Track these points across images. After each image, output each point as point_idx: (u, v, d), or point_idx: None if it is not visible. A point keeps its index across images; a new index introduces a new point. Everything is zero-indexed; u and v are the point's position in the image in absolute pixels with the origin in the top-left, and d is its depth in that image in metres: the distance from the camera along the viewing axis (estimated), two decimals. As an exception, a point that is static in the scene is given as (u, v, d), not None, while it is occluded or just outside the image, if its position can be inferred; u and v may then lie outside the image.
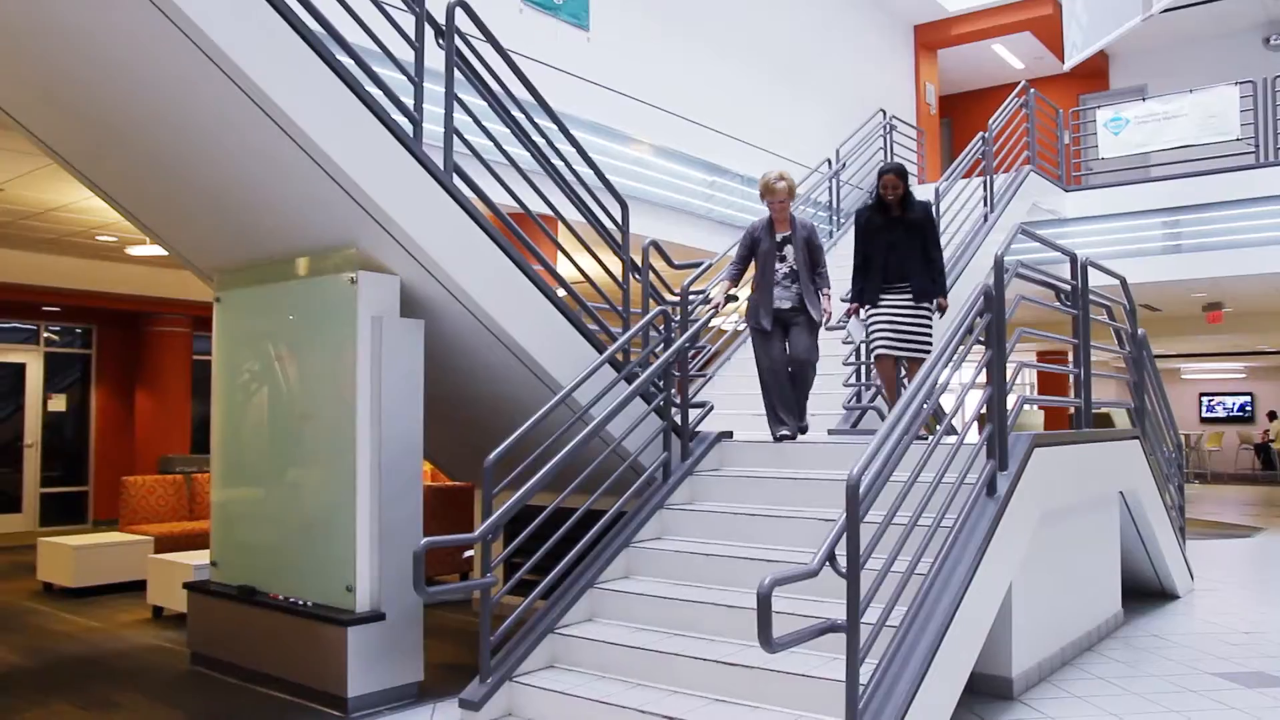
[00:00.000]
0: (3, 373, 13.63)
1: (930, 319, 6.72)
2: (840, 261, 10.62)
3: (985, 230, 10.41)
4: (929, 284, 6.70)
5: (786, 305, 6.77)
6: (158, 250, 10.01)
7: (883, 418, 6.93)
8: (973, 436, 5.36)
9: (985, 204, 10.81)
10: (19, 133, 5.86)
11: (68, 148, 5.92)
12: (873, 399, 7.48)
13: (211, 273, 6.62)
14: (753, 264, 6.94)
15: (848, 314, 7.05)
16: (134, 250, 11.32)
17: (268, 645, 5.82)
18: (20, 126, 5.75)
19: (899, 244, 6.69)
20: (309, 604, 5.63)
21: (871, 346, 6.83)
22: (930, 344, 6.60)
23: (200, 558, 7.34)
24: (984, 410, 5.40)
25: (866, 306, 6.86)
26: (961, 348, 5.13)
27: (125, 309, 13.85)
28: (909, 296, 6.68)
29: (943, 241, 9.15)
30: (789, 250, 6.80)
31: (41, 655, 6.75)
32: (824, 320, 6.77)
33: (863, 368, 7.67)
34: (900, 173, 6.73)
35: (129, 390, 14.63)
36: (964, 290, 8.87)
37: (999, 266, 5.38)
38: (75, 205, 9.57)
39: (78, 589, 8.82)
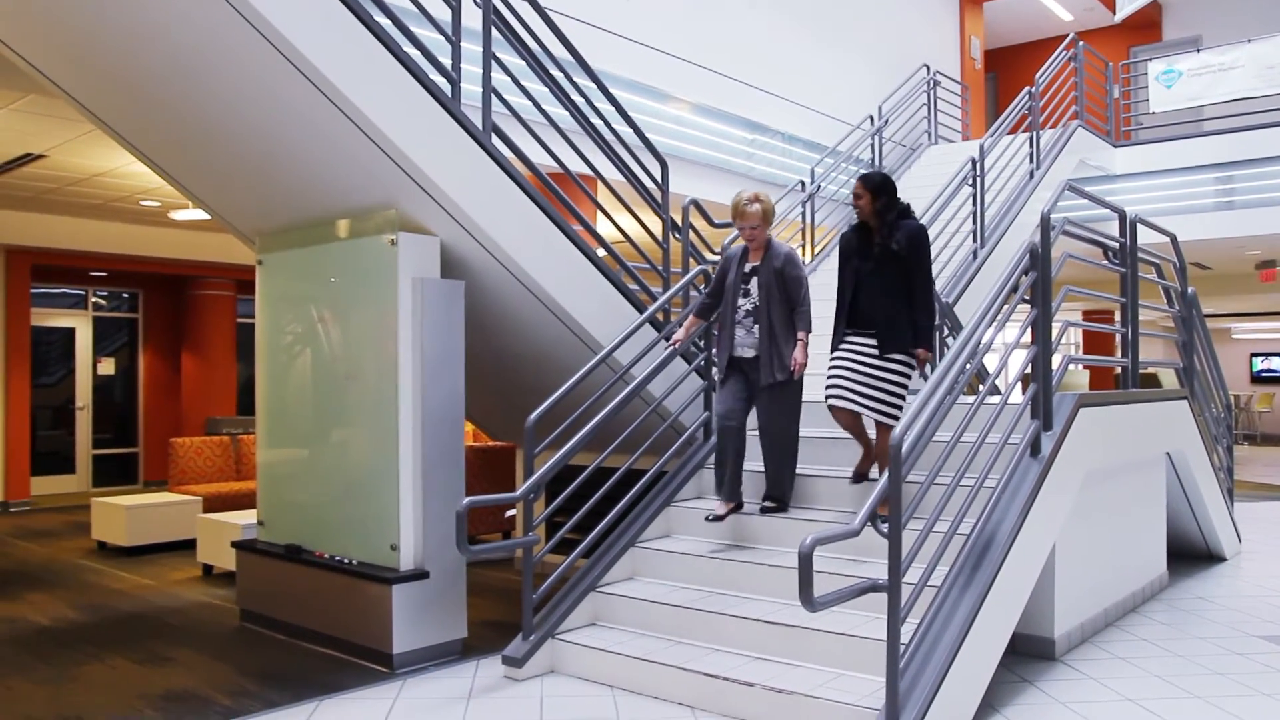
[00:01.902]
0: (53, 337, 13.86)
1: (902, 373, 5.49)
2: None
3: (1031, 188, 10.24)
4: (901, 330, 5.44)
5: (749, 353, 5.65)
6: (201, 214, 10.10)
7: (925, 378, 6.86)
8: (1016, 397, 5.29)
9: (1031, 161, 10.62)
10: (63, 99, 5.91)
11: (110, 113, 5.96)
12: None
13: (253, 236, 6.67)
14: None
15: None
16: (177, 215, 11.43)
17: (314, 603, 5.92)
18: (64, 93, 5.79)
19: (868, 277, 5.53)
20: (354, 562, 5.71)
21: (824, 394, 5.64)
22: (897, 404, 5.44)
23: (248, 517, 7.46)
24: (1028, 370, 5.33)
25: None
26: (1005, 307, 5.06)
27: (170, 273, 14.03)
28: (873, 344, 5.50)
29: (986, 199, 9.03)
30: (754, 284, 5.67)
31: (97, 611, 6.92)
32: (792, 372, 5.56)
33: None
34: (870, 183, 5.53)
35: (175, 353, 14.84)
36: (1009, 249, 8.74)
37: (1045, 224, 5.29)
38: (119, 171, 9.67)
39: (130, 547, 9.01)
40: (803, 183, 10.16)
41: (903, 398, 5.45)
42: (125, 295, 14.70)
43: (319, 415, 6.14)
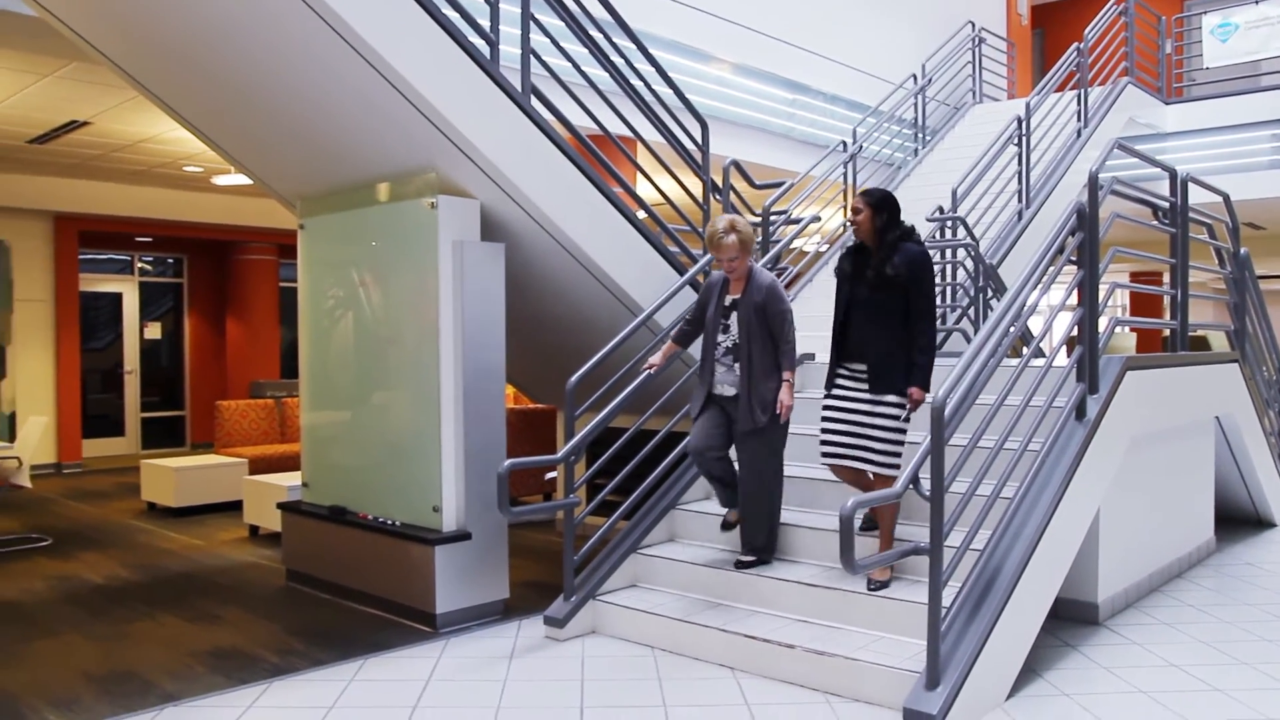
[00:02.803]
0: (101, 302, 14.07)
1: (898, 416, 4.85)
2: (904, 214, 10.36)
3: (1078, 147, 10.04)
4: (895, 367, 4.81)
5: (729, 391, 5.22)
6: (243, 179, 10.18)
7: (968, 340, 6.79)
8: (1061, 360, 5.22)
9: (1078, 119, 10.41)
10: (106, 66, 5.95)
11: (152, 79, 6.00)
12: (957, 321, 7.33)
13: (295, 200, 6.70)
14: None
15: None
16: (220, 180, 11.53)
17: (358, 563, 6.00)
18: (106, 59, 5.83)
19: (861, 305, 4.92)
20: (397, 524, 5.77)
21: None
22: (894, 451, 4.85)
23: (292, 479, 7.57)
24: (1074, 333, 5.25)
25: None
26: (1051, 269, 4.98)
27: (213, 238, 14.18)
28: (865, 384, 4.93)
29: (1032, 159, 8.88)
30: (734, 319, 5.22)
31: (148, 570, 7.06)
32: (779, 414, 5.08)
33: (948, 289, 7.50)
34: (872, 198, 4.91)
35: (220, 317, 15.03)
36: (1055, 210, 8.60)
37: (1093, 183, 5.19)
38: (162, 137, 9.75)
39: (179, 508, 9.18)
40: (844, 143, 10.03)
41: (901, 443, 4.85)
42: (170, 261, 14.88)
43: (361, 378, 6.19)
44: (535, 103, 5.66)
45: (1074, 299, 5.26)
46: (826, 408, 5.03)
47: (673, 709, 4.23)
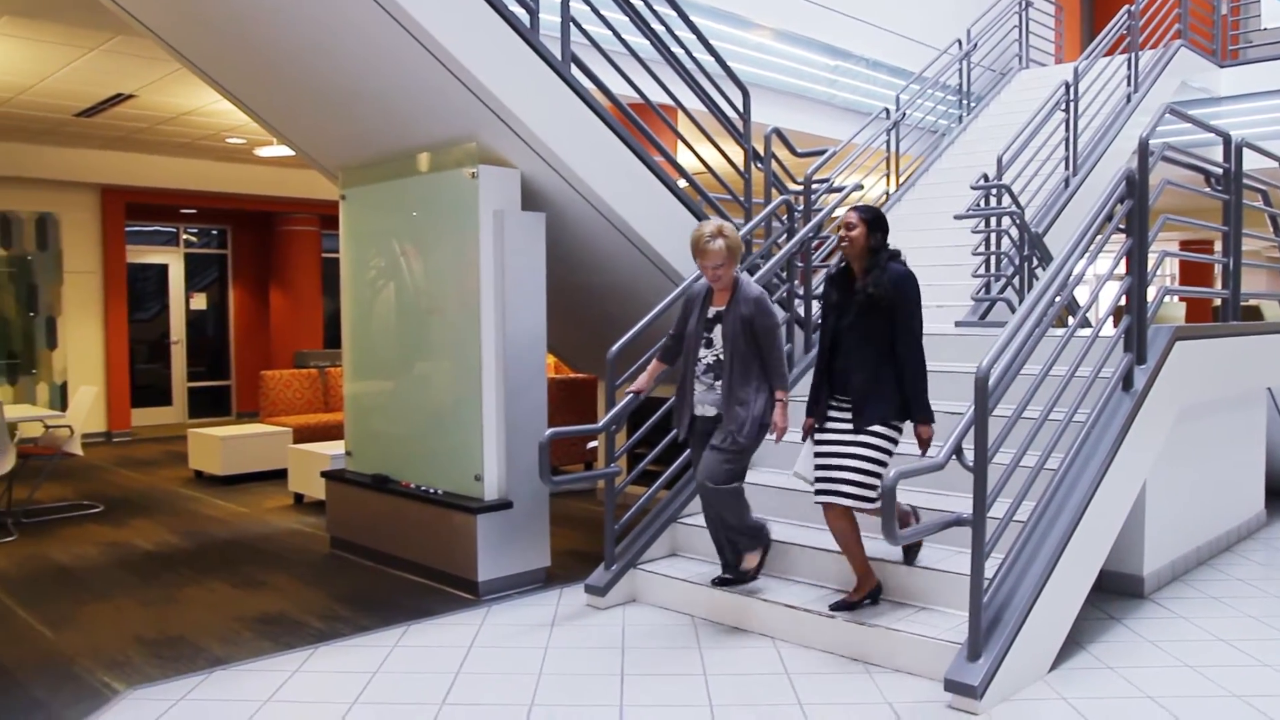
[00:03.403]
0: (147, 273, 14.26)
1: (881, 448, 4.46)
2: (948, 182, 10.21)
3: (1128, 112, 9.83)
4: (881, 397, 4.43)
5: (710, 412, 4.83)
6: (285, 150, 10.23)
7: (1013, 309, 6.70)
8: (1108, 330, 5.14)
9: (1129, 84, 10.19)
10: (150, 39, 5.99)
11: (194, 51, 6.03)
12: (1002, 290, 7.23)
13: (337, 171, 6.73)
14: None
15: (805, 433, 4.76)
16: (262, 151, 11.61)
17: (401, 531, 6.06)
18: (150, 32, 5.87)
19: (846, 331, 4.54)
20: (440, 492, 5.82)
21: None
22: (869, 484, 4.43)
23: (336, 448, 7.65)
24: (1122, 302, 5.16)
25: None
26: (1099, 237, 4.89)
27: (257, 209, 14.29)
28: (848, 415, 4.53)
29: (1080, 125, 8.70)
30: (717, 333, 4.84)
31: (196, 537, 7.19)
32: (774, 437, 4.79)
33: (992, 258, 7.40)
34: (868, 214, 4.55)
35: (263, 288, 15.18)
36: (1103, 177, 8.44)
37: (1143, 149, 5.08)
38: (205, 109, 9.82)
39: (225, 476, 9.32)
40: (887, 110, 9.89)
41: (879, 476, 4.42)
42: (214, 232, 15.03)
43: (403, 348, 6.23)
44: (575, 71, 5.64)
45: (1122, 268, 5.17)
46: (818, 441, 4.62)
47: (713, 677, 4.25)
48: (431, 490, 5.88)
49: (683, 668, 4.37)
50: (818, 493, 4.55)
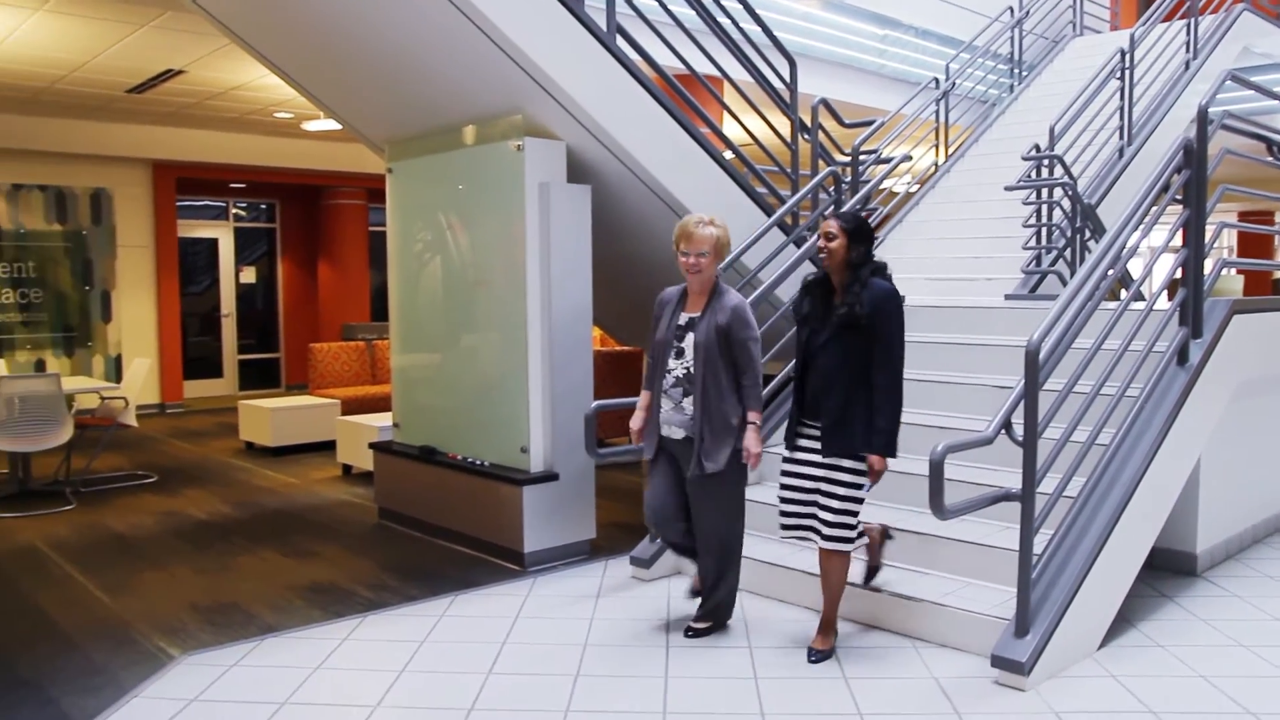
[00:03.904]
0: (198, 247, 14.45)
1: (852, 484, 4.11)
2: (998, 153, 10.02)
3: (1186, 79, 9.59)
4: (853, 422, 4.04)
5: (677, 434, 4.35)
6: (332, 124, 10.30)
7: (1064, 283, 6.60)
8: (1162, 304, 5.04)
9: (1187, 50, 9.93)
10: (199, 14, 6.03)
11: (242, 25, 6.06)
12: (1053, 262, 7.11)
13: (383, 144, 6.76)
14: None
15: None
16: (310, 125, 11.68)
17: (448, 502, 6.12)
18: (199, 8, 5.91)
19: (820, 351, 4.13)
20: (486, 464, 5.86)
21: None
22: (846, 523, 4.12)
23: (384, 419, 7.73)
24: (1177, 275, 5.06)
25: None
26: (1155, 208, 4.78)
27: (304, 183, 14.41)
28: (819, 443, 4.14)
29: (1136, 94, 8.50)
30: (689, 342, 4.33)
31: (247, 507, 7.31)
32: (746, 463, 4.30)
33: (1043, 230, 7.28)
34: (850, 223, 4.12)
35: (312, 261, 15.33)
36: (1159, 147, 8.25)
37: (1202, 118, 4.96)
38: (253, 84, 9.90)
39: (275, 448, 9.46)
40: (936, 80, 9.74)
41: (856, 514, 4.15)
42: (263, 206, 15.19)
43: (450, 321, 6.26)
44: (621, 42, 5.60)
45: (1178, 240, 5.06)
46: (784, 473, 4.28)
47: (758, 650, 4.25)
48: (478, 462, 5.92)
49: (727, 641, 4.37)
50: (786, 526, 4.24)
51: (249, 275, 15.06)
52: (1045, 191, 7.15)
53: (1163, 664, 4.10)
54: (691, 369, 4.28)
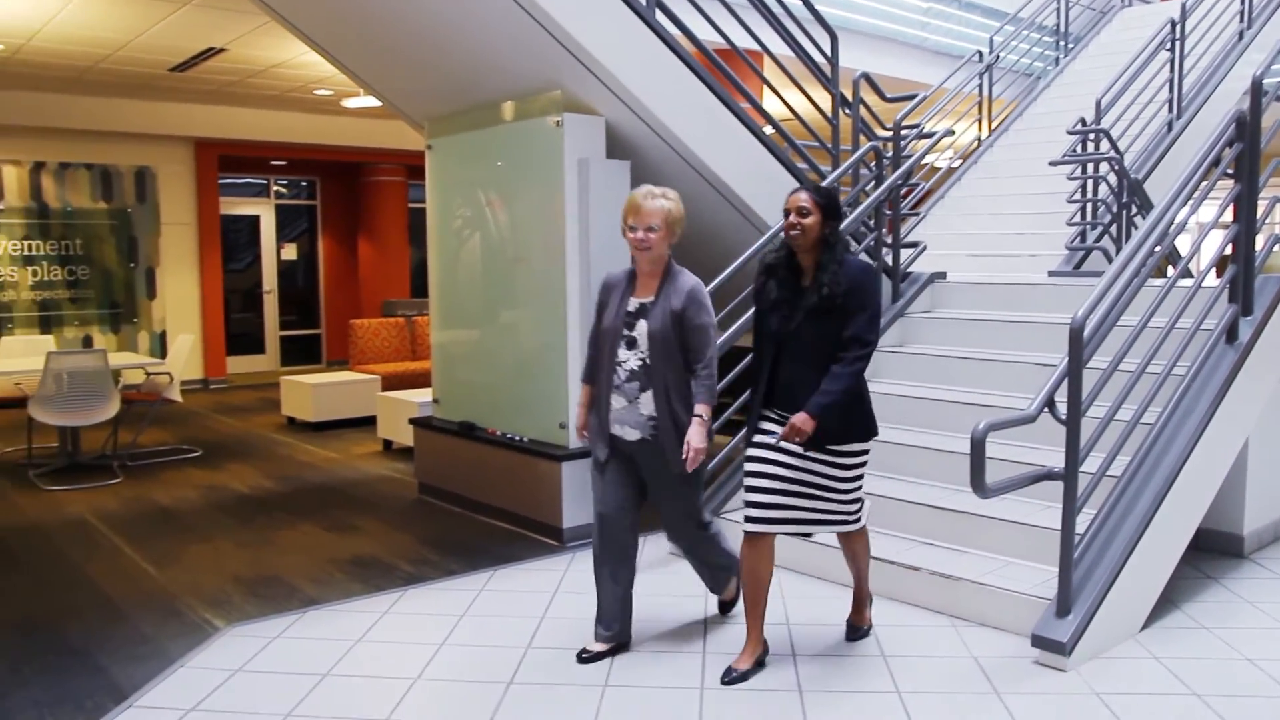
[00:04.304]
0: (240, 224, 14.58)
1: (860, 463, 3.83)
2: (1042, 127, 9.84)
3: (1240, 50, 9.37)
4: (846, 411, 3.70)
5: (631, 435, 3.89)
6: (372, 101, 10.32)
7: (1109, 259, 6.50)
8: (1211, 281, 4.94)
9: (1241, 20, 9.70)
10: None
11: (281, 2, 6.08)
12: (1098, 238, 7.00)
13: (423, 121, 6.77)
14: None
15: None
16: (349, 103, 11.72)
17: (488, 478, 6.15)
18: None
19: (796, 339, 3.74)
20: (525, 440, 5.89)
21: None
22: (859, 498, 3.90)
23: (423, 395, 7.78)
24: (1227, 251, 4.95)
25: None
26: (1204, 183, 4.69)
27: (344, 160, 14.49)
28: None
29: (1186, 65, 8.33)
30: (641, 330, 3.88)
31: (289, 482, 7.40)
32: (684, 460, 3.83)
33: (1088, 205, 7.17)
34: (824, 201, 3.72)
35: (352, 238, 15.42)
36: (1209, 120, 8.08)
37: (1256, 89, 4.84)
38: (293, 61, 9.94)
39: (316, 423, 9.55)
40: (980, 53, 9.60)
41: (860, 486, 3.88)
42: (304, 183, 15.29)
43: (489, 297, 6.28)
44: (660, 17, 5.56)
45: (1228, 215, 4.96)
46: (754, 459, 3.79)
47: (795, 627, 4.25)
48: (517, 438, 5.95)
49: (766, 617, 4.37)
50: (766, 520, 3.74)
51: (290, 252, 15.18)
52: (1090, 166, 7.04)
53: (1207, 646, 4.05)
54: (647, 360, 3.85)
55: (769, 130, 6.19)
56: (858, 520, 3.92)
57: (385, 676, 3.81)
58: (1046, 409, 3.88)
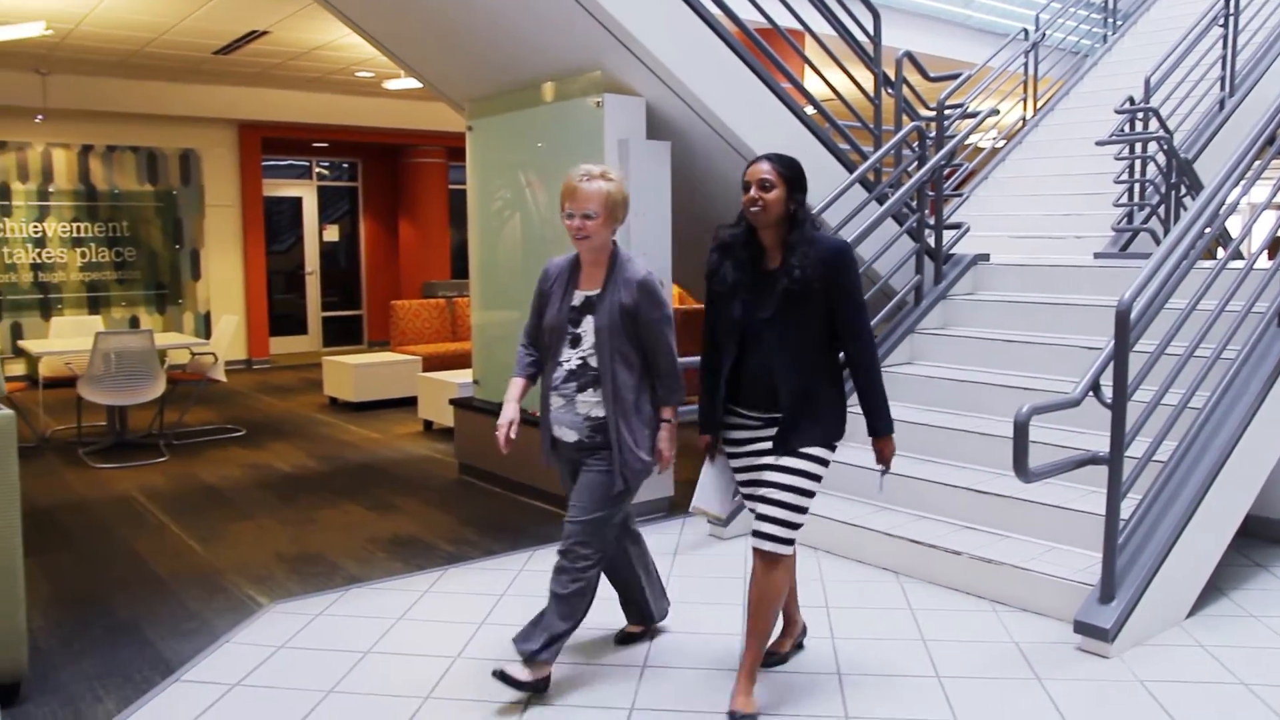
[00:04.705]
0: (283, 206, 14.72)
1: (813, 474, 3.30)
2: (1089, 106, 9.67)
3: (1293, 26, 9.15)
4: (817, 411, 3.30)
5: (570, 436, 3.53)
6: (412, 83, 10.36)
7: (1158, 241, 6.39)
8: (1264, 263, 4.84)
9: (1295, -5, 9.46)
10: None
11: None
12: (1146, 220, 6.88)
13: (463, 102, 6.78)
14: None
15: (706, 451, 3.62)
16: (390, 84, 11.78)
17: (528, 459, 6.16)
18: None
19: (762, 328, 3.30)
20: (563, 421, 5.89)
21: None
22: (795, 521, 3.29)
23: (464, 376, 7.82)
24: (1280, 232, 4.86)
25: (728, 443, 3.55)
26: (1258, 162, 4.59)
27: (385, 142, 14.57)
28: (769, 433, 3.36)
29: (1239, 42, 8.14)
30: (588, 326, 3.49)
31: (331, 461, 7.48)
32: (654, 468, 3.57)
33: (1135, 186, 7.04)
34: (787, 171, 3.33)
35: (393, 220, 15.52)
36: (1265, 97, 7.89)
37: (1311, 66, 4.72)
38: (335, 44, 10.00)
39: (358, 403, 9.65)
40: (1025, 31, 9.45)
41: (805, 510, 3.30)
42: (345, 165, 15.39)
43: (529, 278, 6.24)
44: (701, -4, 5.52)
45: (1282, 195, 4.85)
46: (740, 468, 3.51)
47: (835, 610, 4.24)
48: (556, 419, 5.95)
49: (804, 600, 4.34)
50: (758, 534, 3.30)
51: (332, 233, 15.31)
52: (1139, 146, 6.91)
53: (1254, 634, 3.99)
54: (590, 360, 3.45)
55: (810, 110, 6.13)
56: (791, 543, 3.31)
57: (425, 654, 3.85)
58: (1091, 393, 3.83)
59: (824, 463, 3.32)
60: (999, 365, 5.66)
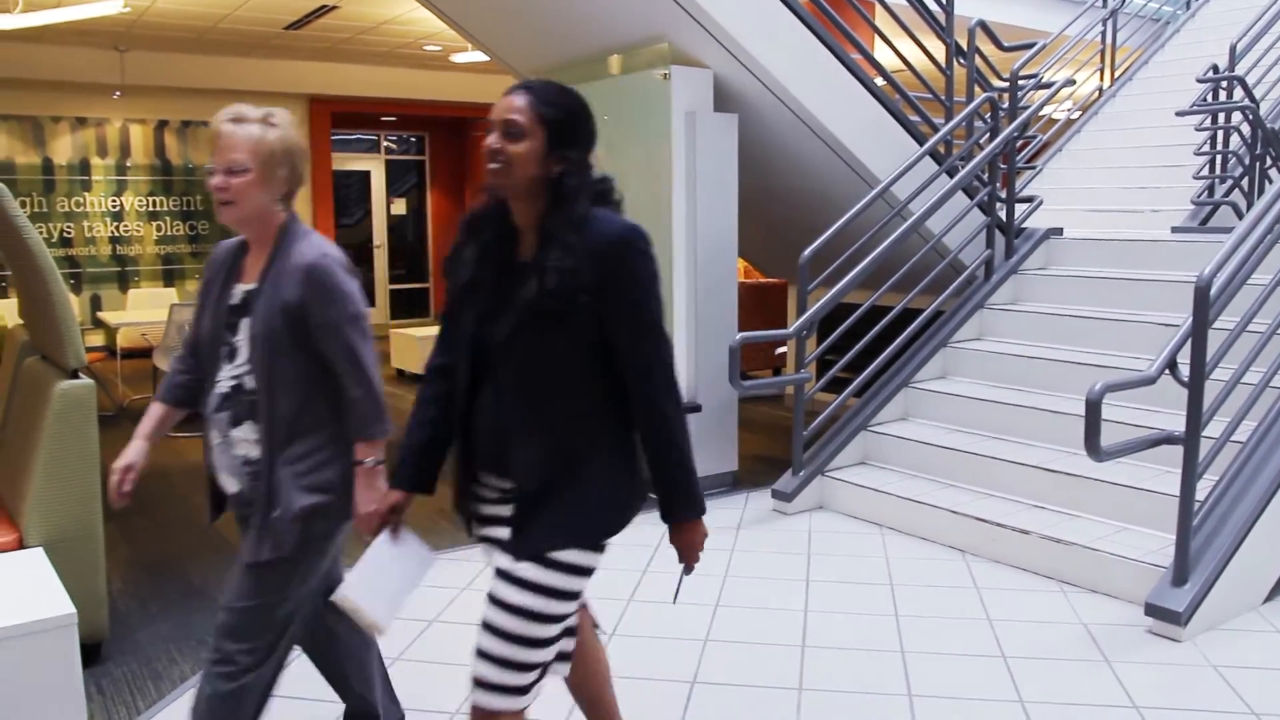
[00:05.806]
0: (351, 180, 14.89)
1: (556, 591, 2.08)
2: (1170, 75, 9.39)
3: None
4: (578, 492, 2.10)
5: (231, 486, 2.52)
6: (479, 56, 10.39)
7: (1240, 215, 6.20)
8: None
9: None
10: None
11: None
12: (1228, 193, 6.68)
13: (530, 75, 6.78)
14: None
15: (383, 520, 2.52)
16: (458, 58, 11.83)
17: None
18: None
19: (504, 353, 2.11)
20: (628, 394, 5.91)
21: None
22: (523, 661, 2.09)
23: (529, 349, 7.87)
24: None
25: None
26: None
27: (452, 115, 14.64)
28: (504, 515, 2.21)
29: (1276, 27, 7.78)
30: (244, 333, 2.39)
31: (398, 432, 7.57)
32: (358, 529, 2.60)
33: (1218, 158, 6.83)
34: (545, 109, 2.19)
35: (460, 193, 15.62)
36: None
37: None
38: (403, 17, 10.06)
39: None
40: (1103, -2, 9.20)
41: (543, 645, 2.12)
42: (413, 139, 15.51)
43: (593, 252, 6.29)
44: (769, -34, 5.46)
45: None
46: (476, 532, 2.46)
47: (899, 587, 4.21)
48: (620, 392, 5.97)
49: (868, 577, 4.35)
50: (474, 675, 2.16)
51: (399, 207, 15.46)
52: (1222, 116, 6.70)
53: (1335, 619, 3.89)
54: (247, 381, 2.40)
55: (880, 81, 6.04)
56: (521, 693, 2.13)
57: (492, 623, 3.90)
58: (1168, 370, 3.74)
59: (580, 571, 2.11)
60: (1071, 342, 5.56)
